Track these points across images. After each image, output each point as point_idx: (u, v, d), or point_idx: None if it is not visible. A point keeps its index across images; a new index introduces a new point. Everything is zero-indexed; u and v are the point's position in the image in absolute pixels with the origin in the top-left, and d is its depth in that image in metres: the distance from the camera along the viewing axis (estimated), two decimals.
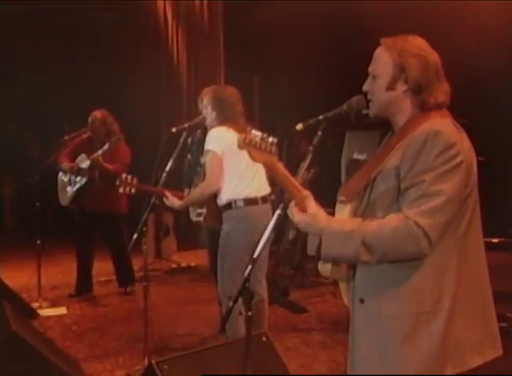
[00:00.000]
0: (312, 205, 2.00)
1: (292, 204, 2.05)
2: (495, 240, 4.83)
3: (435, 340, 1.94)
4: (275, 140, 2.07)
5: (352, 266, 2.10)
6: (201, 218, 4.39)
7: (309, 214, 2.00)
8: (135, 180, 4.22)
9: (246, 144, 2.03)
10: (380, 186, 2.01)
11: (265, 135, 2.05)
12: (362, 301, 2.06)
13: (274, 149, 2.06)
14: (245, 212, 3.97)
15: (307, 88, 7.53)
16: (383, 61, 2.05)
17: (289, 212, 2.06)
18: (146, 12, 9.21)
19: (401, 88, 2.03)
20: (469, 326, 1.98)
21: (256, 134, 2.05)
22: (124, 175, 4.24)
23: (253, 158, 2.06)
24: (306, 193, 2.02)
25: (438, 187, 1.87)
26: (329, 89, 6.22)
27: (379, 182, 2.01)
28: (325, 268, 2.13)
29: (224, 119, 4.03)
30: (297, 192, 2.05)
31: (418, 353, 1.95)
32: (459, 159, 1.90)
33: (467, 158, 1.94)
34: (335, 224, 1.99)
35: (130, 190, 4.22)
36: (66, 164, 5.87)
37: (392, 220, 1.90)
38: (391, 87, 2.04)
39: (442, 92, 2.04)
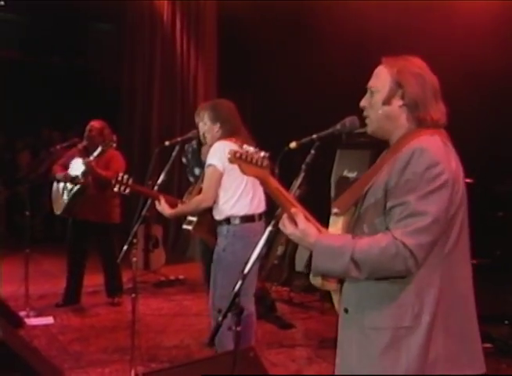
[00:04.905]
0: (302, 221, 2.03)
1: (285, 216, 2.08)
2: (482, 262, 4.86)
3: (414, 354, 1.96)
4: (267, 154, 2.09)
5: (341, 280, 2.13)
6: (190, 227, 4.26)
7: (299, 229, 2.03)
8: (130, 180, 4.18)
9: (236, 158, 2.07)
10: (370, 200, 2.05)
11: (257, 150, 2.09)
12: (346, 311, 2.11)
13: (266, 163, 2.08)
14: (242, 229, 3.91)
15: (300, 106, 7.57)
16: (382, 77, 2.12)
17: (281, 224, 2.08)
18: (142, 25, 9.27)
19: (396, 103, 2.08)
20: (449, 343, 1.99)
21: (247, 148, 2.08)
22: (120, 174, 4.21)
23: (243, 172, 2.10)
24: (294, 210, 2.05)
25: (423, 208, 1.90)
26: (323, 107, 6.26)
27: (369, 197, 2.06)
28: (316, 280, 2.17)
29: (227, 131, 3.95)
30: (290, 206, 2.07)
31: (395, 366, 1.98)
32: (444, 177, 1.93)
33: (453, 176, 1.97)
34: (325, 239, 2.02)
35: (125, 190, 4.17)
36: (60, 174, 5.88)
37: (381, 239, 1.93)
38: (386, 101, 2.09)
39: (438, 110, 2.09)
